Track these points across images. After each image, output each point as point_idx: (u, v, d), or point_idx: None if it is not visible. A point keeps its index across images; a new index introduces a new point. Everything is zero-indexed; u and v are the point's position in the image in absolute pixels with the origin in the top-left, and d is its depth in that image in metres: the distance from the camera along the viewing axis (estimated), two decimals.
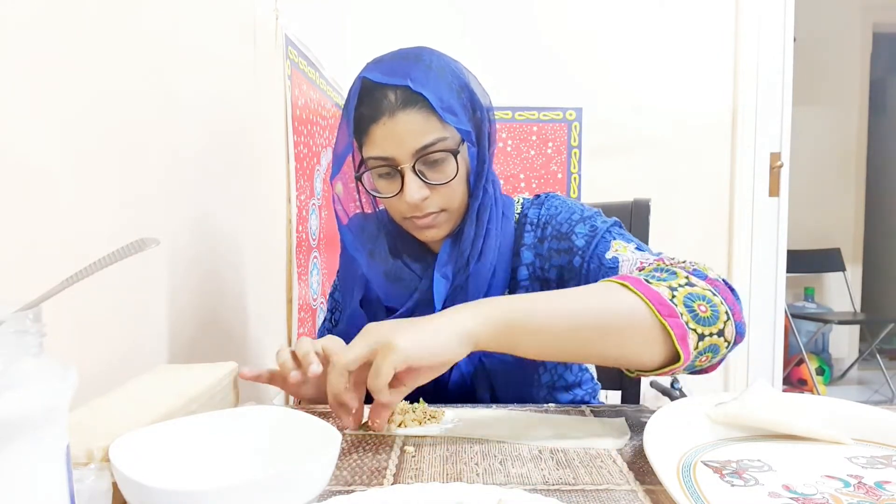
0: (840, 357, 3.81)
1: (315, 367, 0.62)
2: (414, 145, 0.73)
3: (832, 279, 3.77)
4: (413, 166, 0.74)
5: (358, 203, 0.87)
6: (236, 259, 1.03)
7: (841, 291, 3.70)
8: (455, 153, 0.75)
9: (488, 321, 0.57)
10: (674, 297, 0.59)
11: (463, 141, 0.77)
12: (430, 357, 0.55)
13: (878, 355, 3.37)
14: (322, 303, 1.56)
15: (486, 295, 0.79)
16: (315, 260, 1.51)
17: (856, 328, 3.83)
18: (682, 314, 0.58)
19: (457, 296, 0.79)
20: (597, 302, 0.60)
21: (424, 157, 0.74)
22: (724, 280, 0.65)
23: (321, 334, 0.93)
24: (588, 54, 2.15)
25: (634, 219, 1.14)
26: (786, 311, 2.63)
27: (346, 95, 0.81)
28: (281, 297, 1.30)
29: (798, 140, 2.48)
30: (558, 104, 2.13)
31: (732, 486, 0.45)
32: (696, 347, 0.59)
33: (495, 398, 0.80)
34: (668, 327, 0.58)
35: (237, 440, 0.48)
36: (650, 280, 0.62)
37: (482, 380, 0.80)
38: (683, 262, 0.68)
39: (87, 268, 0.34)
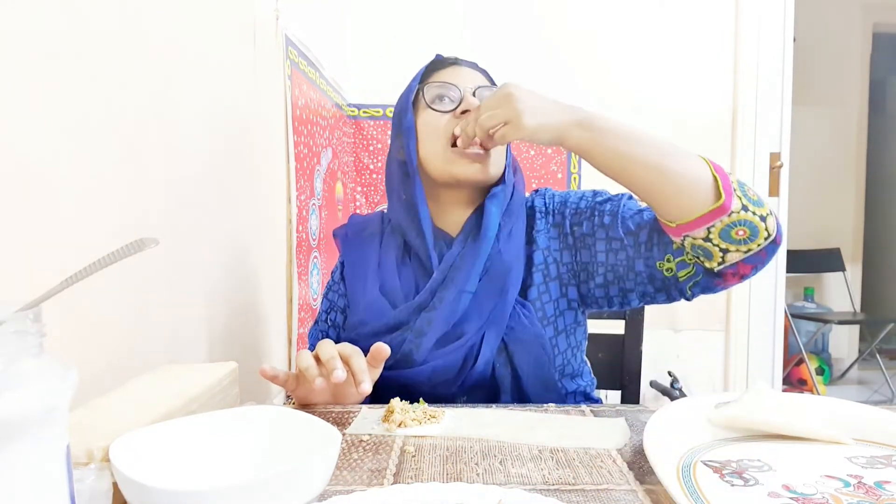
0: (840, 357, 3.81)
1: (339, 373, 0.64)
2: (475, 83, 0.85)
3: (832, 279, 3.77)
4: (473, 92, 0.84)
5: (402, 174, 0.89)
6: (236, 259, 1.03)
7: (841, 291, 3.70)
8: None
9: (581, 123, 0.73)
10: (736, 190, 0.69)
11: None
12: (534, 140, 0.74)
13: (877, 355, 3.37)
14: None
15: (508, 275, 0.81)
16: (315, 260, 1.51)
17: (856, 328, 3.83)
18: (733, 182, 0.69)
19: (482, 275, 0.82)
20: (671, 152, 0.71)
21: (482, 91, 0.84)
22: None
23: (314, 337, 0.93)
24: (588, 54, 2.15)
25: None
26: (786, 311, 2.63)
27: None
28: (281, 297, 1.30)
29: (798, 140, 2.48)
30: None
31: (732, 486, 0.45)
32: (737, 211, 0.67)
33: (516, 378, 0.81)
34: (722, 191, 0.67)
35: (237, 440, 0.48)
36: (736, 189, 0.70)
37: (504, 358, 0.81)
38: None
39: (87, 268, 0.34)
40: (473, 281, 0.80)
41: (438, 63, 0.89)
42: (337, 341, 0.90)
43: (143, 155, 0.73)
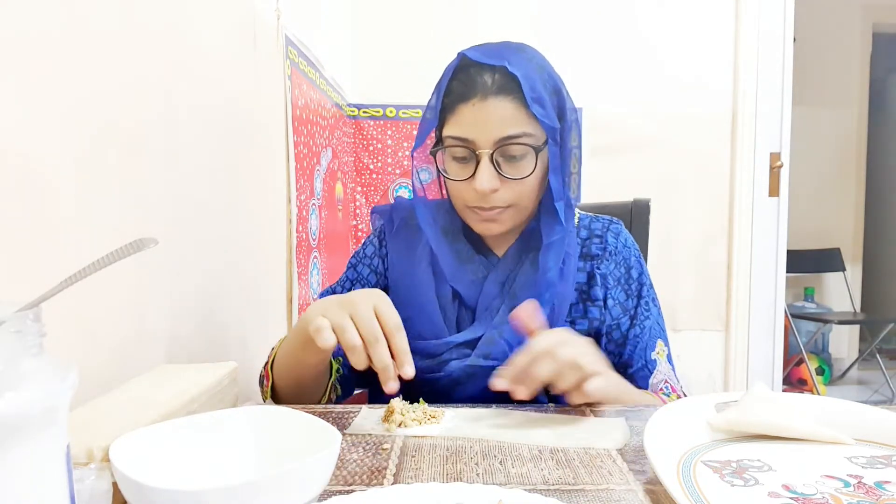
0: (840, 357, 3.81)
1: (393, 385, 0.59)
2: (498, 133, 0.73)
3: (832, 279, 3.77)
4: (491, 154, 0.74)
5: (437, 186, 0.86)
6: (236, 259, 1.03)
7: (841, 291, 3.71)
8: (537, 150, 0.75)
9: (607, 395, 0.68)
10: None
11: (546, 142, 0.76)
12: (596, 397, 0.66)
13: (877, 355, 3.37)
14: None
15: (564, 311, 0.80)
16: (315, 260, 1.51)
17: (856, 328, 3.83)
18: None
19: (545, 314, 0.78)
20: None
21: (505, 147, 0.74)
22: None
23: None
24: (588, 54, 2.15)
25: (634, 219, 1.14)
26: (786, 311, 2.63)
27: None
28: (281, 297, 1.30)
29: (798, 140, 2.48)
30: None
31: (732, 486, 0.45)
32: None
33: (551, 397, 0.79)
34: None
35: (237, 440, 0.48)
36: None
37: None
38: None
39: (86, 268, 0.34)
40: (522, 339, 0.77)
41: (465, 86, 0.75)
42: None
43: (143, 155, 0.73)
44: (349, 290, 0.87)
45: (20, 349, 0.29)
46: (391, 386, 0.60)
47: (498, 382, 0.61)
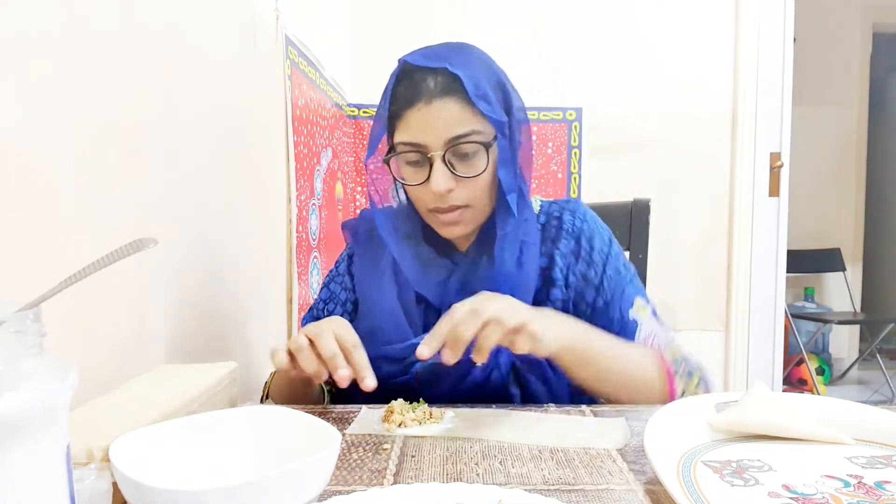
0: (840, 357, 3.81)
1: (344, 372, 0.62)
2: (447, 134, 0.74)
3: (832, 279, 3.77)
4: (443, 155, 0.75)
5: (394, 193, 0.87)
6: (236, 259, 1.03)
7: (841, 291, 3.70)
8: (487, 147, 0.76)
9: (573, 341, 0.69)
10: (683, 393, 0.76)
11: (495, 137, 0.77)
12: (546, 347, 0.65)
13: (878, 355, 3.37)
14: None
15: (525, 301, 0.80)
16: (315, 260, 1.51)
17: (856, 328, 3.83)
18: (679, 380, 0.76)
19: None
20: (637, 369, 0.75)
21: (456, 147, 0.75)
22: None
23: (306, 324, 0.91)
24: (588, 54, 2.15)
25: (634, 219, 1.14)
26: (786, 311, 2.63)
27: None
28: (281, 297, 1.30)
29: (798, 140, 2.48)
30: (558, 104, 2.13)
31: (732, 486, 0.45)
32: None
33: (526, 393, 0.80)
34: (667, 387, 0.76)
35: (237, 440, 0.48)
36: (677, 371, 0.77)
37: (514, 377, 0.80)
38: (692, 360, 0.81)
39: (86, 268, 0.34)
40: None
41: (409, 91, 0.75)
42: None
43: (142, 155, 0.73)
44: (322, 309, 0.90)
45: (20, 349, 0.29)
46: (363, 386, 0.64)
47: (423, 351, 0.61)
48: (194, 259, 0.86)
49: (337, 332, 0.65)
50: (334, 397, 0.82)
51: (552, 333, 0.65)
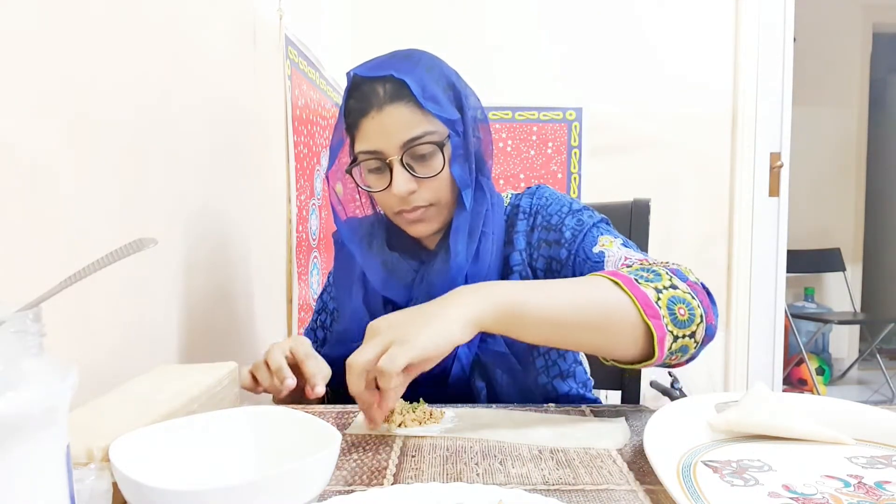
0: (840, 357, 3.81)
1: (290, 382, 0.67)
2: (401, 137, 0.76)
3: (832, 279, 3.77)
4: (401, 159, 0.76)
5: (358, 202, 0.88)
6: (236, 259, 1.03)
7: (841, 291, 3.70)
8: (441, 146, 0.77)
9: (493, 307, 0.59)
10: (659, 299, 0.63)
11: (448, 136, 0.78)
12: (443, 346, 0.56)
13: (878, 355, 3.37)
14: None
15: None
16: (315, 260, 1.51)
17: (856, 328, 3.83)
18: (664, 316, 0.62)
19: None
20: (590, 296, 0.63)
21: (412, 149, 0.76)
22: (702, 283, 0.70)
23: (307, 336, 0.93)
24: (588, 54, 2.15)
25: (634, 219, 1.14)
26: (786, 311, 2.63)
27: (341, 94, 0.84)
28: (281, 297, 1.30)
29: (798, 140, 2.48)
30: (558, 104, 2.13)
31: (732, 486, 0.45)
32: (670, 348, 0.63)
33: (492, 389, 0.80)
34: (652, 328, 0.61)
35: (237, 440, 0.48)
36: (639, 280, 0.64)
37: (479, 372, 0.80)
38: (665, 262, 0.71)
39: (86, 268, 0.34)
40: None
41: (360, 101, 0.77)
42: (324, 343, 0.90)
43: (143, 155, 0.73)
44: (316, 320, 0.95)
45: (20, 349, 0.29)
46: (314, 393, 0.68)
47: (373, 427, 0.60)
48: (194, 259, 0.86)
49: (291, 346, 0.71)
50: (335, 398, 0.83)
51: (431, 337, 0.55)
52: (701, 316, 0.65)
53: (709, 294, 0.69)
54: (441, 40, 2.11)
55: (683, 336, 0.64)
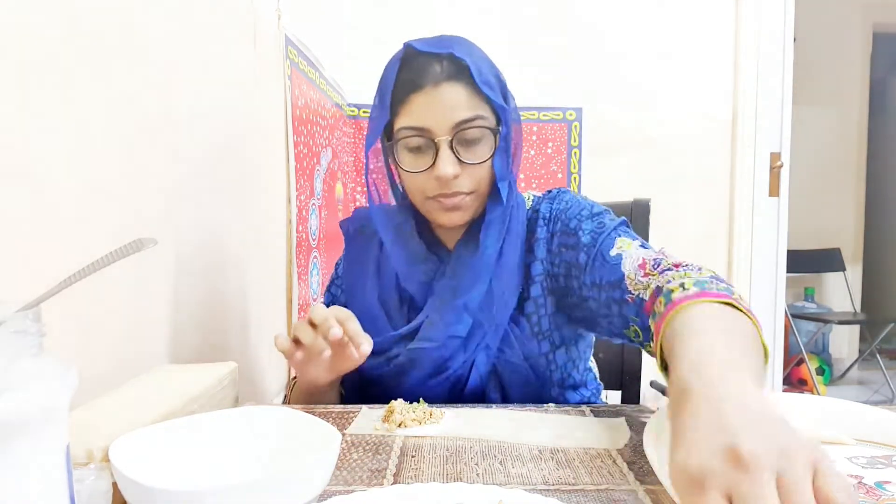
0: (840, 357, 3.81)
1: (336, 331, 0.64)
2: (455, 118, 0.73)
3: (832, 279, 3.77)
4: (451, 141, 0.74)
5: (388, 183, 0.86)
6: (236, 259, 1.03)
7: (841, 291, 3.70)
8: (494, 133, 0.75)
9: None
10: (740, 299, 0.58)
11: (499, 123, 0.77)
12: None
13: (878, 355, 3.37)
14: (321, 303, 1.56)
15: (500, 308, 0.78)
16: (315, 260, 1.51)
17: (856, 328, 3.83)
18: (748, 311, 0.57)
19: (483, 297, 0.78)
20: (745, 336, 0.53)
21: (462, 132, 0.74)
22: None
23: None
24: (588, 54, 2.15)
25: (634, 219, 1.14)
26: (786, 311, 2.63)
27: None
28: (281, 297, 1.30)
29: (798, 140, 2.47)
30: (558, 104, 2.13)
31: None
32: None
33: (506, 399, 0.79)
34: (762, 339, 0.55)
35: (237, 440, 0.48)
36: (709, 286, 0.58)
37: (494, 382, 0.79)
38: (685, 263, 0.68)
39: (86, 268, 0.34)
40: (465, 325, 0.76)
41: (415, 74, 0.74)
42: None
43: (142, 155, 0.73)
44: None
45: (20, 349, 0.29)
46: (360, 352, 0.67)
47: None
48: (194, 259, 0.86)
49: (333, 310, 0.68)
50: (350, 397, 0.83)
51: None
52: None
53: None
54: None
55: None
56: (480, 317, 0.77)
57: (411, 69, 0.74)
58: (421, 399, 0.68)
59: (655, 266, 0.67)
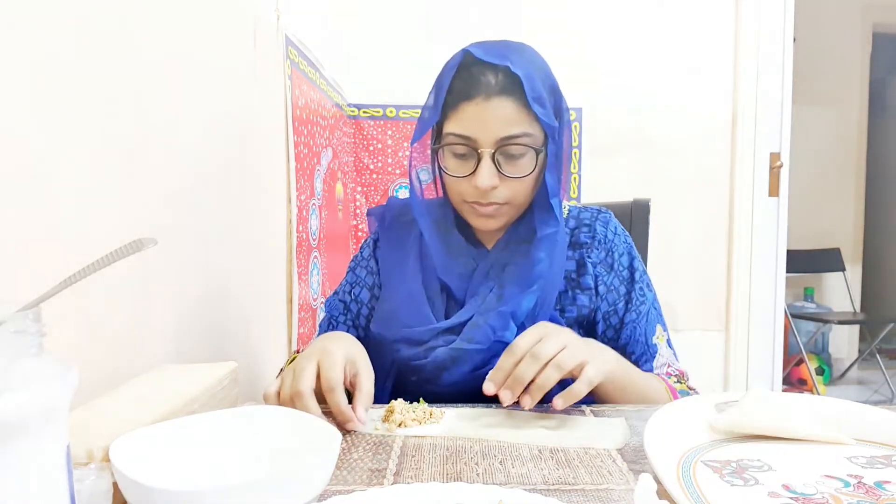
0: (840, 357, 3.81)
1: (357, 426, 0.61)
2: (500, 133, 0.75)
3: (832, 279, 3.77)
4: (493, 153, 0.76)
5: (431, 177, 0.87)
6: (236, 259, 1.03)
7: (841, 291, 3.70)
8: (537, 151, 0.77)
9: (615, 374, 0.69)
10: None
11: (545, 142, 0.78)
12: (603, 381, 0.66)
13: (877, 355, 3.37)
14: (322, 303, 1.56)
15: (549, 298, 0.82)
16: (315, 260, 1.51)
17: (855, 328, 3.83)
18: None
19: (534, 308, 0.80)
20: (659, 400, 0.73)
21: (506, 147, 0.76)
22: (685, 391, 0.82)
23: (332, 307, 0.91)
24: (587, 54, 2.15)
25: (634, 219, 1.14)
26: (786, 311, 2.63)
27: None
28: (281, 297, 1.30)
29: (798, 140, 2.48)
30: None
31: (732, 486, 0.45)
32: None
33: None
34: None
35: (237, 440, 0.48)
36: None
37: None
38: (693, 389, 0.82)
39: (86, 268, 0.34)
40: (512, 332, 0.77)
41: (468, 84, 0.76)
42: (357, 317, 0.89)
43: (142, 155, 0.73)
44: (349, 292, 0.91)
45: (20, 349, 0.29)
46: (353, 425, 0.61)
47: (488, 387, 0.63)
48: (194, 259, 0.86)
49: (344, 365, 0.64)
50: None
51: (601, 370, 0.65)
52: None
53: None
54: (441, 39, 2.11)
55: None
56: (527, 323, 0.78)
57: (466, 77, 0.76)
58: (421, 399, 0.68)
59: (672, 375, 0.82)
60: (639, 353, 0.84)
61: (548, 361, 0.62)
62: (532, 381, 0.62)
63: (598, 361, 0.65)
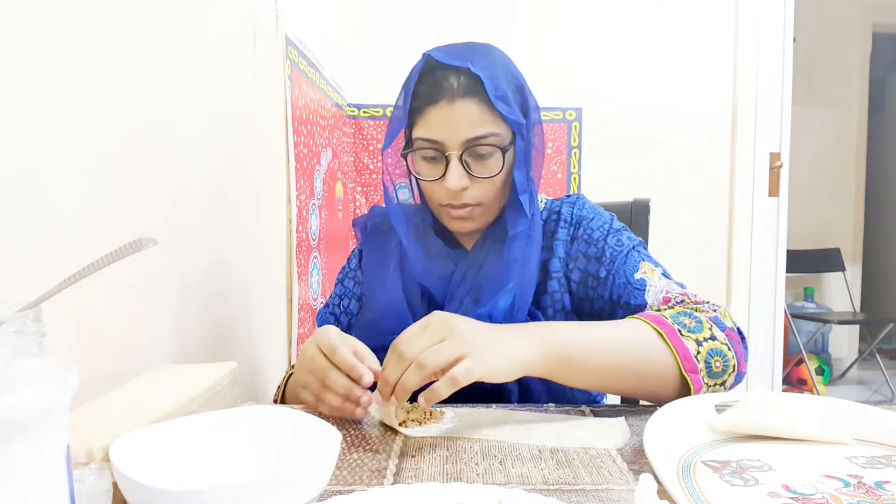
0: (840, 357, 3.81)
1: (368, 378, 0.60)
2: (466, 134, 0.75)
3: (832, 279, 3.77)
4: (460, 155, 0.76)
5: (394, 194, 0.88)
6: (236, 259, 1.03)
7: (841, 291, 3.70)
8: (503, 150, 0.77)
9: (545, 355, 0.62)
10: (698, 353, 0.66)
11: (513, 140, 0.78)
12: (504, 377, 0.60)
13: (877, 355, 3.37)
14: (322, 303, 1.56)
15: (525, 293, 0.81)
16: (315, 260, 1.51)
17: (855, 328, 3.83)
18: (701, 370, 0.66)
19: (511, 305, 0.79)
20: (634, 348, 0.67)
21: (473, 147, 0.76)
22: (738, 329, 0.72)
23: (322, 319, 0.92)
24: (588, 54, 2.15)
25: (634, 219, 1.14)
26: (786, 311, 2.63)
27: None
28: (281, 297, 1.30)
29: (798, 140, 2.48)
30: (558, 104, 2.13)
31: (732, 486, 0.45)
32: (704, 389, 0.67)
33: (524, 389, 0.80)
34: (690, 383, 0.65)
35: (237, 440, 0.48)
36: (682, 330, 0.67)
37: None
38: (707, 302, 0.74)
39: (86, 268, 0.34)
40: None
41: (432, 88, 0.76)
42: (347, 330, 0.89)
43: (142, 155, 0.73)
44: (338, 304, 0.92)
45: (20, 349, 0.29)
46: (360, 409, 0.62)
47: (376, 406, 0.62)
48: (194, 259, 0.86)
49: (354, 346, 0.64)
50: None
51: (476, 369, 0.56)
52: (734, 366, 0.68)
53: (743, 340, 0.72)
54: (440, 39, 2.11)
55: (715, 385, 0.68)
56: (503, 322, 0.78)
57: (429, 82, 0.77)
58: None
59: (678, 303, 0.74)
60: (626, 296, 0.78)
61: (409, 364, 0.57)
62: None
63: (481, 356, 0.57)
